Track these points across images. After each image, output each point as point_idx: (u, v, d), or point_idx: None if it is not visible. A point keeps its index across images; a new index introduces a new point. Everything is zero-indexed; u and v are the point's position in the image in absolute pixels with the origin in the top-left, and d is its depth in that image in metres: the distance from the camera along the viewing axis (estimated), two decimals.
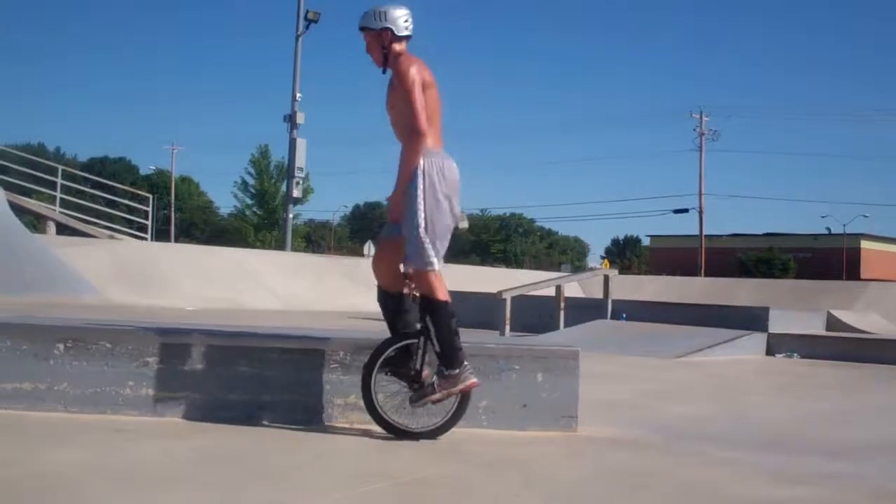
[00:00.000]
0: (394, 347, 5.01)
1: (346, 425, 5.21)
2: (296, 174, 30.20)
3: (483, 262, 73.15)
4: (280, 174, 65.68)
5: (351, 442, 4.94)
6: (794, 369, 11.28)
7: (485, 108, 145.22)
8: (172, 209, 76.38)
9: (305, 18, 30.16)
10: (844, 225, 74.14)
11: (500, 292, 15.23)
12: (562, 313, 15.33)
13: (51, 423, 4.90)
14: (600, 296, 16.36)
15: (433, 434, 5.00)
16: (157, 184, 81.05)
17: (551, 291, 16.05)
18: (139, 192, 31.88)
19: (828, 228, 76.54)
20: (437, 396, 4.91)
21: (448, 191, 4.97)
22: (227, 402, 5.18)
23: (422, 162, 4.92)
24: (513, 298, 15.20)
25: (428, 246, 4.89)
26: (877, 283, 26.44)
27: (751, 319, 13.38)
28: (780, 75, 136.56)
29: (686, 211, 63.37)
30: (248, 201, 73.94)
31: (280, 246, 36.38)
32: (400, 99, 4.97)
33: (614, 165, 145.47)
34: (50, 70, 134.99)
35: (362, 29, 5.16)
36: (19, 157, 29.40)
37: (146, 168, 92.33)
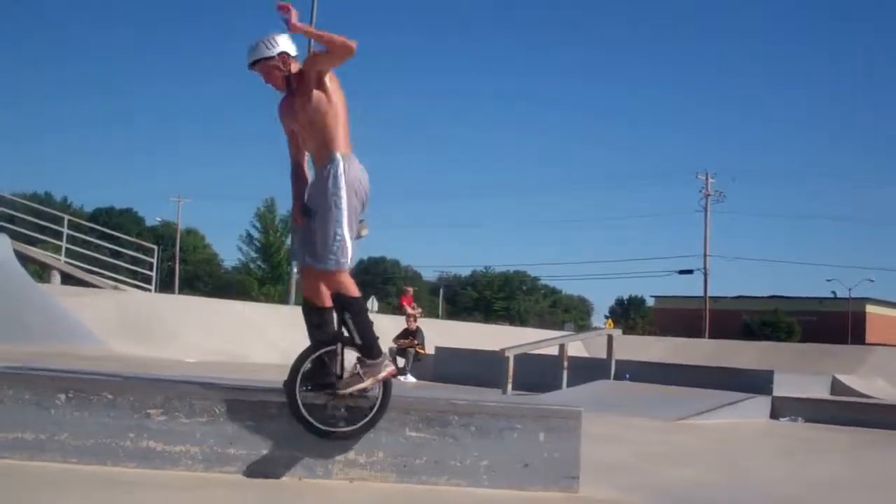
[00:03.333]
0: (309, 360, 5.18)
1: (346, 481, 5.18)
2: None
3: (486, 320, 73.13)
4: (285, 228, 65.82)
5: (350, 498, 4.90)
6: (798, 434, 11.21)
7: (487, 163, 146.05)
8: (177, 261, 76.51)
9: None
10: (850, 289, 74.08)
11: (502, 350, 15.20)
12: (565, 373, 15.28)
13: (51, 474, 4.87)
14: (604, 356, 16.32)
15: (361, 431, 5.16)
16: (163, 235, 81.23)
17: (555, 350, 16.02)
18: (144, 244, 31.94)
19: (833, 292, 76.48)
20: (366, 383, 5.10)
21: (363, 195, 5.23)
22: (227, 456, 5.15)
23: (342, 164, 5.11)
24: (516, 356, 15.17)
25: (349, 245, 5.07)
26: (882, 348, 26.32)
27: (755, 382, 13.33)
28: (787, 137, 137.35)
29: (691, 272, 63.45)
30: (253, 254, 74.16)
31: (284, 300, 36.37)
32: (308, 101, 5.17)
33: (619, 224, 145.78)
34: (57, 119, 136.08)
35: (255, 63, 5.28)
36: (25, 205, 29.57)
37: (152, 219, 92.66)
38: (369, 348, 5.12)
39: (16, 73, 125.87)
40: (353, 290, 5.14)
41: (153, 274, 27.82)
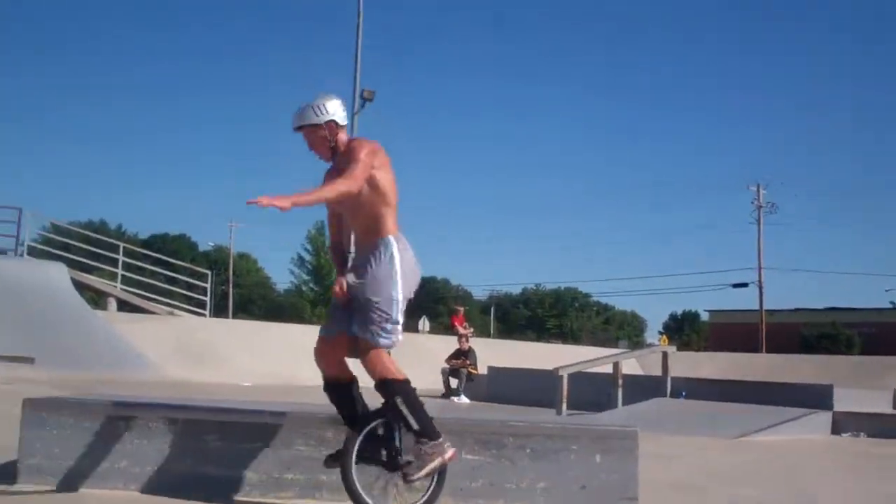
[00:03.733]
0: (361, 440, 4.87)
1: None
2: (352, 250, 30.41)
3: (538, 338, 72.85)
4: None
5: None
6: (862, 449, 10.99)
7: (536, 180, 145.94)
8: (231, 285, 77.21)
9: (361, 97, 30.65)
10: None
11: (556, 369, 15.08)
12: (619, 391, 15.13)
13: (113, 501, 4.91)
14: (659, 373, 16.14)
15: None
16: (216, 260, 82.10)
17: (608, 368, 15.88)
18: (198, 269, 32.26)
19: (892, 303, 75.16)
20: (436, 463, 4.80)
21: (413, 281, 5.04)
22: (284, 482, 5.16)
23: (395, 246, 4.93)
24: (569, 375, 15.05)
25: (400, 328, 4.90)
26: None
27: (815, 397, 13.09)
28: (840, 145, 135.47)
29: (745, 285, 62.65)
30: (305, 277, 74.62)
31: None
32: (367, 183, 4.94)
33: (670, 238, 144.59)
34: (111, 148, 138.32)
35: (301, 128, 5.08)
36: (81, 234, 30.05)
37: (205, 245, 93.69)
38: (429, 431, 4.81)
39: (74, 109, 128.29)
40: (400, 372, 4.88)
41: (207, 299, 28.10)
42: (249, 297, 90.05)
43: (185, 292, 29.58)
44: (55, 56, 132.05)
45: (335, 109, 5.06)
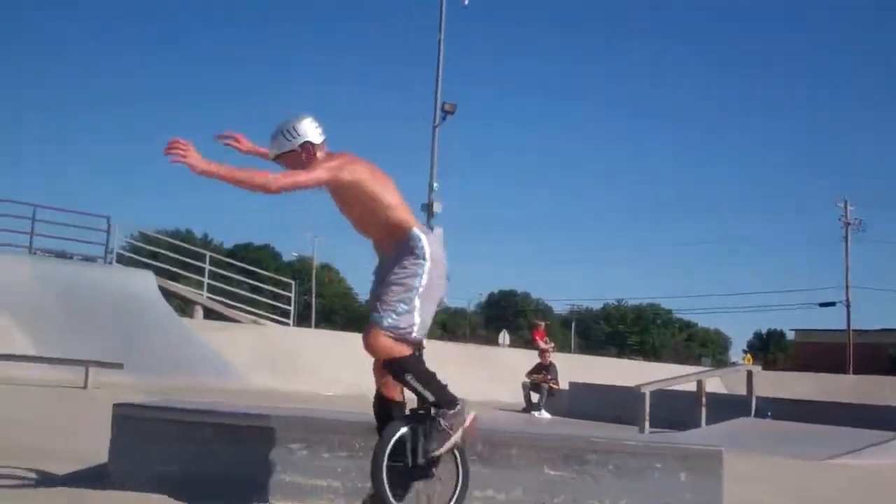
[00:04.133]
0: (388, 452, 4.71)
1: None
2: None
3: (619, 354, 72.11)
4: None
5: None
6: None
7: (614, 193, 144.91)
8: (313, 295, 78.05)
9: (443, 110, 30.79)
10: None
11: (638, 386, 14.95)
12: (703, 410, 14.92)
13: None
14: (743, 392, 15.90)
15: None
16: (299, 270, 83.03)
17: (691, 386, 15.68)
18: (282, 279, 32.69)
19: None
20: (457, 435, 4.70)
21: (443, 270, 4.91)
22: (366, 492, 5.18)
23: (423, 237, 4.79)
24: (652, 392, 14.89)
25: (416, 317, 4.72)
26: None
27: None
28: None
29: (833, 304, 61.29)
30: None
31: None
32: (348, 194, 4.81)
33: (755, 255, 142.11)
34: None
35: (278, 157, 4.86)
36: (169, 243, 30.66)
37: (289, 255, 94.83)
38: (445, 399, 4.73)
39: (163, 117, 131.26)
40: (405, 349, 4.72)
41: (291, 308, 28.44)
42: (332, 308, 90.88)
43: (269, 301, 30.00)
44: (149, 66, 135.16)
45: (307, 129, 4.82)
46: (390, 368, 4.78)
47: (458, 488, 4.86)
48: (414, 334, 4.74)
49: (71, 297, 19.02)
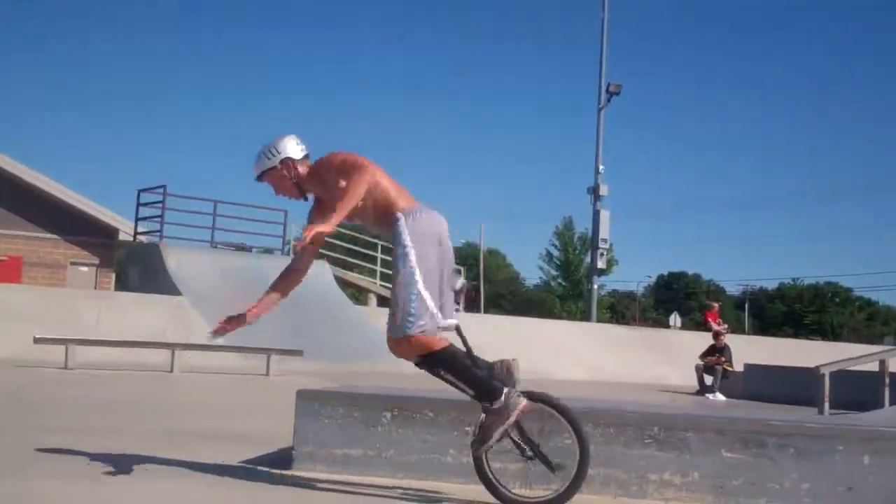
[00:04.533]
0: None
1: (661, 502, 5.15)
2: (600, 245, 30.39)
3: (795, 334, 69.86)
4: (584, 246, 66.08)
5: None
6: None
7: (786, 170, 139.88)
8: (482, 281, 78.61)
9: (607, 91, 30.49)
10: None
11: (817, 367, 14.48)
12: (886, 390, 14.33)
13: (376, 489, 5.17)
14: None
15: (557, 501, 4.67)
16: (467, 256, 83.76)
17: (873, 366, 15.07)
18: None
19: None
20: (497, 434, 4.64)
21: (436, 243, 4.85)
22: (545, 474, 5.24)
23: (402, 220, 4.78)
24: (831, 373, 14.40)
25: (429, 302, 4.70)
26: None
27: None
28: None
29: None
30: (553, 273, 74.87)
31: (585, 317, 36.51)
32: (331, 182, 4.89)
33: None
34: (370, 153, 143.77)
35: (261, 177, 5.09)
36: (342, 233, 31.49)
37: (456, 241, 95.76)
38: (485, 391, 4.67)
39: (338, 112, 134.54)
40: (436, 343, 4.74)
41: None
42: (499, 293, 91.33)
43: None
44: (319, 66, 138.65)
45: (286, 147, 5.03)
46: (426, 364, 4.79)
47: (575, 476, 4.70)
48: (438, 322, 4.74)
49: (250, 288, 19.75)
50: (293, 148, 5.06)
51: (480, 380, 4.73)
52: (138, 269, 21.62)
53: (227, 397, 11.74)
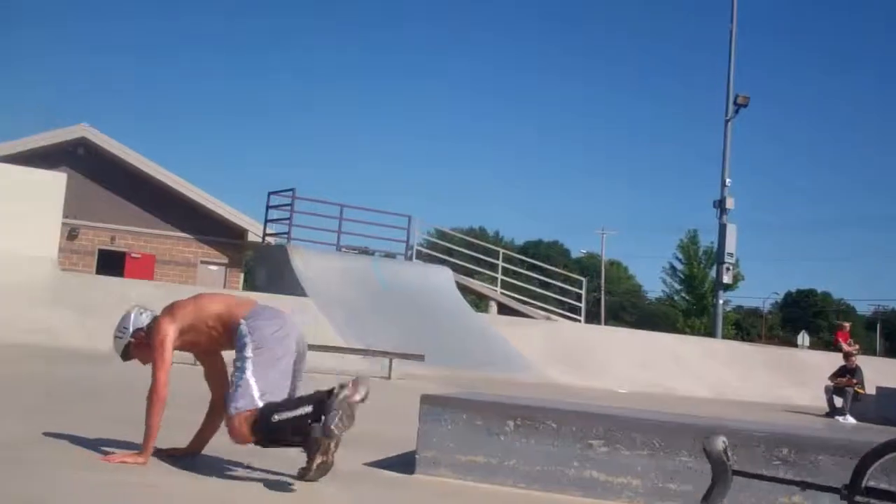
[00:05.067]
0: None
1: None
2: (725, 260, 29.75)
3: None
4: (709, 260, 64.78)
5: None
6: None
7: None
8: (602, 292, 77.91)
9: (735, 103, 29.89)
10: None
11: None
12: None
13: (499, 497, 5.16)
14: None
15: None
16: (588, 267, 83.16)
17: None
18: (572, 275, 32.91)
19: None
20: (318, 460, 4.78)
21: (273, 342, 4.99)
22: (668, 491, 5.16)
23: (244, 326, 4.99)
24: None
25: (252, 385, 4.86)
26: None
27: None
28: None
29: None
30: (677, 286, 73.62)
31: (709, 332, 35.77)
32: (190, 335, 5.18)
33: None
34: (483, 161, 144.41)
35: (125, 357, 5.28)
36: (463, 240, 31.63)
37: (577, 251, 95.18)
38: (309, 447, 4.79)
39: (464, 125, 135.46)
40: (248, 434, 4.84)
41: (582, 305, 28.56)
42: (620, 305, 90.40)
43: (558, 297, 30.28)
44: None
45: (130, 321, 5.24)
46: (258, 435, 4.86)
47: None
48: (257, 402, 4.83)
49: (373, 291, 20.07)
50: (137, 319, 5.28)
51: (289, 425, 4.79)
52: (266, 269, 22.11)
53: None
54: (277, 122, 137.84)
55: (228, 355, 5.17)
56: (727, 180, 29.78)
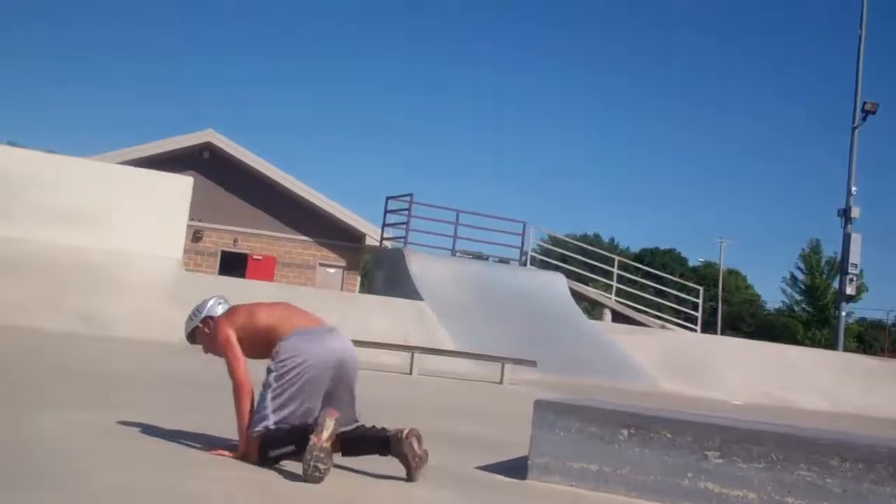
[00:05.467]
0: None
1: None
2: (849, 271, 28.96)
3: None
4: (831, 270, 63.07)
5: None
6: None
7: None
8: (720, 301, 76.52)
9: (863, 110, 29.09)
10: None
11: None
12: None
13: None
14: None
15: None
16: (705, 275, 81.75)
17: None
18: (689, 284, 32.43)
19: None
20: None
21: (300, 367, 5.13)
22: None
23: (281, 344, 5.19)
24: None
25: (269, 415, 5.09)
26: None
27: None
28: None
29: None
30: (797, 297, 71.87)
31: (830, 345, 34.82)
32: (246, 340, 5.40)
33: None
34: (601, 169, 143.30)
35: (191, 339, 5.61)
36: (578, 246, 31.48)
37: (694, 260, 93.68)
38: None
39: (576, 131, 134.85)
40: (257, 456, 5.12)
41: (698, 314, 28.16)
42: (738, 315, 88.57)
43: (673, 306, 29.89)
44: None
45: (207, 307, 5.54)
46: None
47: None
48: (266, 427, 5.09)
49: (487, 296, 20.17)
50: (213, 308, 5.57)
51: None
52: (383, 272, 22.43)
53: (463, 402, 11.98)
54: (397, 129, 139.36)
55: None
56: (853, 189, 29.02)
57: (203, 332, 5.53)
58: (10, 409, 6.36)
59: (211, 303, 5.60)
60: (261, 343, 5.33)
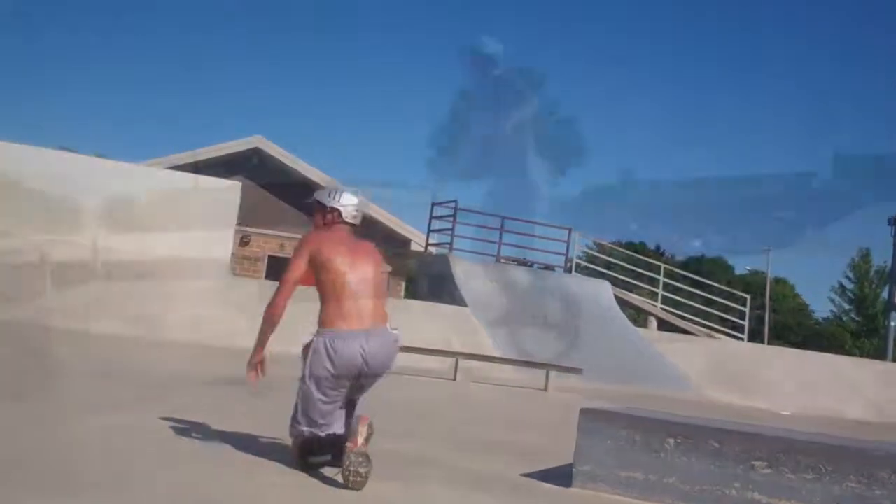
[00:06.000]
0: None
1: None
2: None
3: None
4: (881, 280, 62.26)
5: None
6: None
7: None
8: (767, 310, 75.73)
9: None
10: None
11: None
12: None
13: None
14: None
15: None
16: (752, 284, 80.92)
17: None
18: (736, 293, 32.11)
19: None
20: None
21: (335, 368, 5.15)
22: None
23: (312, 343, 5.21)
24: None
25: (300, 419, 5.18)
26: None
27: None
28: None
29: None
30: (846, 306, 71.02)
31: (879, 355, 34.34)
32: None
33: None
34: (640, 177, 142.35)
35: (316, 202, 5.68)
36: (623, 253, 31.33)
37: (741, 268, 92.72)
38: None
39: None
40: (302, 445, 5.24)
41: (745, 323, 27.89)
42: (785, 324, 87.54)
43: (720, 315, 29.64)
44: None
45: (335, 196, 5.63)
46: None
47: None
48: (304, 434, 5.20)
49: (531, 303, 20.16)
50: (332, 199, 5.65)
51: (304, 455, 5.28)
52: (427, 278, 22.49)
53: (507, 409, 12.01)
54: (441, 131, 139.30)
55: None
56: None
57: (318, 214, 5.67)
58: (72, 410, 6.49)
59: (342, 196, 5.70)
60: (315, 274, 5.44)
